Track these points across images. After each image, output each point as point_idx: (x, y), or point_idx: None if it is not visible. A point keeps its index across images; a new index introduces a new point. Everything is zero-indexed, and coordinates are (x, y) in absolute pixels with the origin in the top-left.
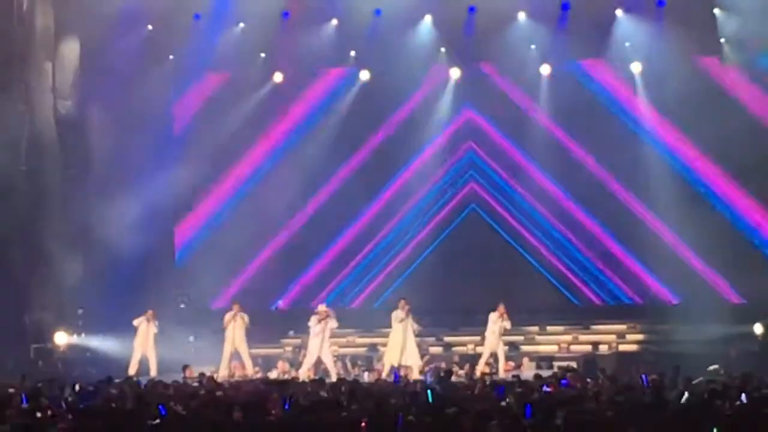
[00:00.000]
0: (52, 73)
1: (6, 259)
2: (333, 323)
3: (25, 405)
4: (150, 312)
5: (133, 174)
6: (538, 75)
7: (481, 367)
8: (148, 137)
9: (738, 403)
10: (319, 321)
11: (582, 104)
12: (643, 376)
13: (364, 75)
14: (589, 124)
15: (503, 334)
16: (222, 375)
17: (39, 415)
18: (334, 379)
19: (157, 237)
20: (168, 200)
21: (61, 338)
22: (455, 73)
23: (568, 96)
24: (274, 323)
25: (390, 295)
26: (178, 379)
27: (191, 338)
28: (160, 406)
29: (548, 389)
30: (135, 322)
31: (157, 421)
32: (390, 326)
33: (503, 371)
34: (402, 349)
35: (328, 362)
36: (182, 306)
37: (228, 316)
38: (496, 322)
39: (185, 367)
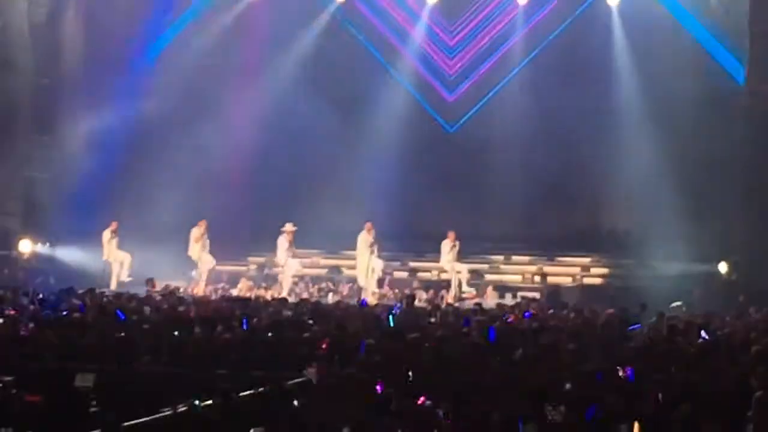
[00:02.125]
0: None
1: None
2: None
3: None
4: (114, 223)
5: (104, 88)
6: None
7: (451, 295)
8: (121, 51)
9: (699, 341)
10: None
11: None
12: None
13: None
14: (561, 59)
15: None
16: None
17: (1, 321)
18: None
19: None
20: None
21: (26, 246)
22: None
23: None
24: (241, 240)
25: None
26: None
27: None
28: (117, 311)
29: (510, 320)
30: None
31: (122, 334)
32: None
33: (451, 298)
34: (367, 270)
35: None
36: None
37: (196, 231)
38: (451, 251)
39: (149, 280)
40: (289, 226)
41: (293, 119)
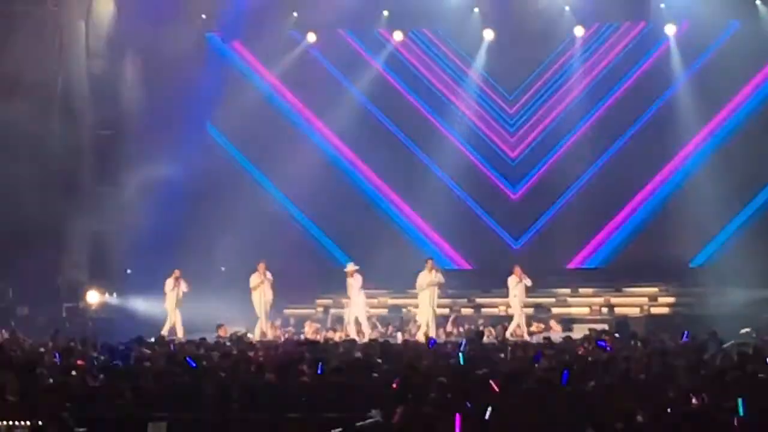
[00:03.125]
0: (85, 32)
1: (39, 219)
2: (355, 282)
3: (57, 362)
4: (177, 271)
5: (164, 137)
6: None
7: (511, 330)
8: (179, 101)
9: None
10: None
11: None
12: (685, 333)
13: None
14: (618, 90)
15: (528, 295)
16: (263, 334)
17: (73, 373)
18: (366, 337)
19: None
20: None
21: (93, 297)
22: (488, 34)
23: (601, 58)
24: (307, 283)
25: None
26: (212, 338)
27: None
28: (187, 359)
29: (580, 351)
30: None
31: (193, 381)
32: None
33: (526, 334)
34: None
35: (362, 320)
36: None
37: (256, 277)
38: (516, 286)
39: (219, 327)
40: (350, 266)
41: (353, 162)
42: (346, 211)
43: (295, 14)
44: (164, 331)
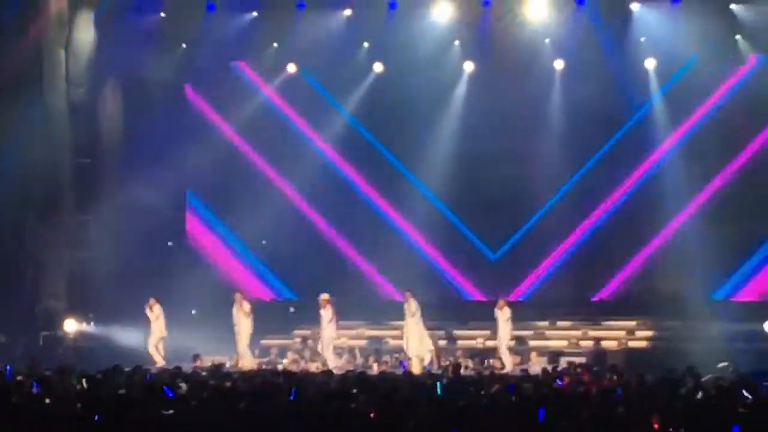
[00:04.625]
0: (65, 60)
1: (16, 248)
2: (326, 314)
3: (35, 391)
4: (151, 300)
5: (143, 161)
6: (552, 69)
7: (496, 360)
8: (160, 127)
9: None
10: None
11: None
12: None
13: (378, 67)
14: (600, 123)
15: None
16: (246, 364)
17: (48, 401)
18: (333, 369)
19: (167, 223)
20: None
21: (71, 326)
22: (468, 66)
23: (581, 91)
24: (284, 314)
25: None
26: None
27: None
28: (165, 388)
29: (561, 383)
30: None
31: (170, 411)
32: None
33: (509, 365)
34: (421, 339)
35: (326, 352)
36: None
37: (235, 309)
38: (501, 316)
39: (196, 357)
40: (323, 296)
41: (331, 195)
42: (325, 240)
43: (275, 45)
44: (160, 361)
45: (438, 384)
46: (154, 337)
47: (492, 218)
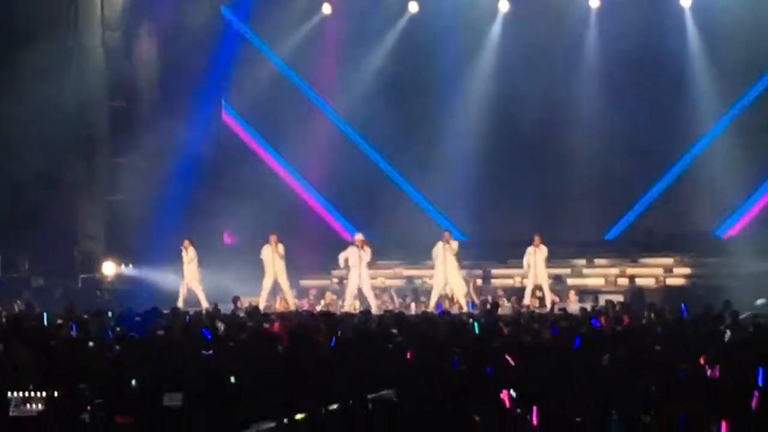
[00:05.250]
0: (100, 4)
1: (52, 192)
2: (365, 254)
3: (74, 335)
4: (186, 241)
5: (179, 109)
6: (588, 8)
7: (527, 301)
8: (195, 71)
9: None
10: (357, 250)
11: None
12: (683, 307)
13: (413, 7)
14: (635, 62)
15: (547, 266)
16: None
17: (90, 344)
18: (374, 311)
19: (205, 169)
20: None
21: (109, 268)
22: (504, 6)
23: (617, 29)
24: (324, 254)
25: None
26: (228, 310)
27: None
28: (203, 330)
29: (597, 323)
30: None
31: (210, 351)
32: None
33: (549, 303)
34: (445, 281)
35: (368, 294)
36: None
37: (265, 248)
38: (533, 254)
39: (236, 299)
40: (358, 236)
41: (368, 133)
42: (359, 184)
43: None
44: (180, 303)
45: (476, 323)
46: (190, 279)
47: (526, 156)
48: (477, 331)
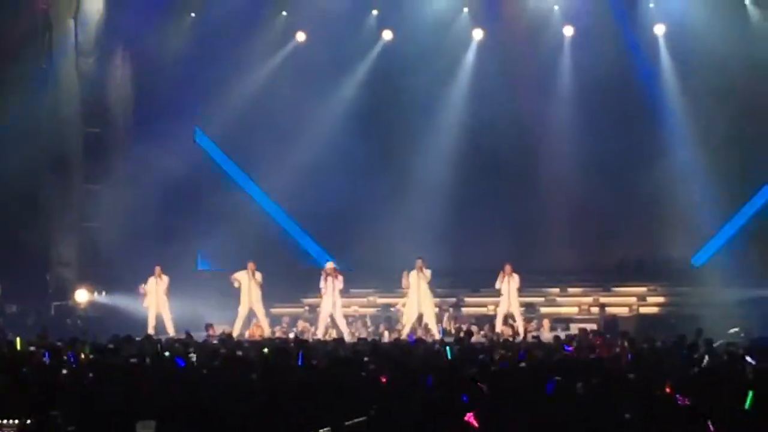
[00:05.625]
0: (74, 30)
1: (27, 218)
2: (338, 283)
3: (47, 361)
4: (157, 268)
5: (152, 135)
6: (561, 36)
7: (498, 329)
8: (168, 98)
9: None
10: (325, 279)
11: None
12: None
13: (387, 35)
14: (608, 90)
15: (520, 294)
16: (235, 335)
17: (64, 372)
18: (346, 338)
19: (178, 195)
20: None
21: (82, 296)
22: (477, 34)
23: (591, 57)
24: (295, 282)
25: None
26: (200, 337)
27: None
28: (177, 358)
29: (569, 349)
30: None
31: (181, 380)
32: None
33: (522, 331)
34: (418, 308)
35: (339, 321)
36: None
37: (242, 275)
38: (506, 283)
39: (209, 326)
40: (329, 265)
41: (341, 161)
42: (332, 211)
43: (284, 13)
44: (150, 330)
45: (448, 348)
46: (161, 306)
47: (500, 183)
48: (449, 356)
